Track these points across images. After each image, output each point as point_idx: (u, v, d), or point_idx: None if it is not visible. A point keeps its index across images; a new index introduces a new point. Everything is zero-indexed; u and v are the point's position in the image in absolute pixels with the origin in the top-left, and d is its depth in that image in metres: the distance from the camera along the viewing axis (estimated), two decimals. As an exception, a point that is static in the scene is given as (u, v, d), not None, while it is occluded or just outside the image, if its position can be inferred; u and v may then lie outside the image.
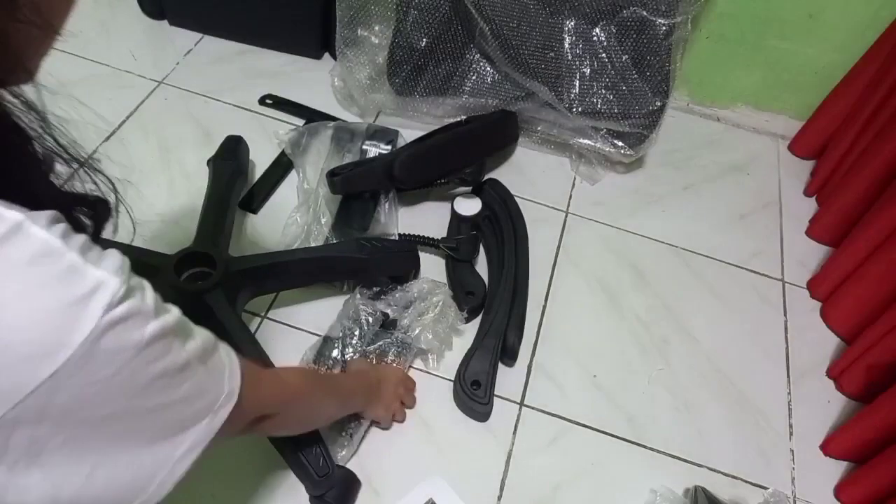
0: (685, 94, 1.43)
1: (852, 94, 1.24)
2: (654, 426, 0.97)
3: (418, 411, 0.93)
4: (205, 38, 1.39)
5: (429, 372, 0.97)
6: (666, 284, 1.14)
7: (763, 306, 1.14)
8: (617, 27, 1.15)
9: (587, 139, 1.24)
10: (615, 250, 1.18)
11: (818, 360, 1.08)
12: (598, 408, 0.97)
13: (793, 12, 1.23)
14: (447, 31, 1.17)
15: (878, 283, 1.02)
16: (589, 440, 0.94)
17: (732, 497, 0.91)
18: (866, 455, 0.91)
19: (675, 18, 1.11)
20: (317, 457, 0.79)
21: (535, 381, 0.99)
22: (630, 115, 1.18)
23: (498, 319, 0.97)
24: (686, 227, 1.23)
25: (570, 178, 1.28)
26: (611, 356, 1.03)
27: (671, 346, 1.06)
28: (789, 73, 1.33)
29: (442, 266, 1.09)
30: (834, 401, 1.04)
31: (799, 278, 1.19)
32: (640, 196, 1.27)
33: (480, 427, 0.93)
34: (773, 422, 1.00)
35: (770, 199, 1.32)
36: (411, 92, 1.22)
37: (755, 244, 1.23)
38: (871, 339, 0.98)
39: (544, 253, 1.14)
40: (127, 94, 1.26)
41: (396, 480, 0.86)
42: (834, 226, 1.21)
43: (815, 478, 0.95)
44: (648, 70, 1.16)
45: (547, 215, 1.21)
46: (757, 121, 1.43)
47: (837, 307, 1.11)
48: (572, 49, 1.16)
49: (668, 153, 1.35)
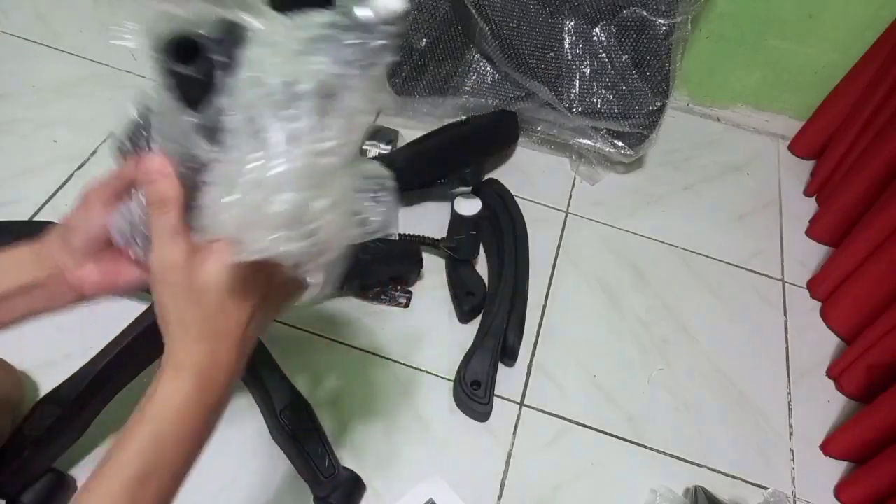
0: (685, 94, 1.43)
1: (852, 94, 1.24)
2: (654, 426, 0.97)
3: (418, 411, 0.93)
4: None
5: (429, 372, 0.97)
6: (666, 284, 1.14)
7: (763, 306, 1.14)
8: (617, 27, 1.15)
9: (587, 139, 1.24)
10: (615, 250, 1.18)
11: (818, 360, 1.08)
12: (598, 408, 0.97)
13: (793, 12, 1.23)
14: (447, 31, 1.17)
15: (878, 283, 1.02)
16: (589, 440, 0.94)
17: (732, 497, 0.91)
18: (866, 455, 0.91)
19: (675, 18, 1.11)
20: (322, 457, 0.79)
21: (535, 381, 0.99)
22: (630, 115, 1.18)
23: (498, 319, 0.97)
24: (686, 227, 1.23)
25: (570, 178, 1.28)
26: (611, 356, 1.03)
27: (671, 346, 1.06)
28: (789, 73, 1.33)
29: (442, 266, 1.09)
30: (834, 401, 1.04)
31: (799, 278, 1.19)
32: (640, 196, 1.27)
33: (480, 427, 0.93)
34: (773, 422, 1.00)
35: (770, 199, 1.32)
36: (411, 92, 1.22)
37: (755, 244, 1.23)
38: (871, 339, 0.98)
39: (544, 253, 1.14)
40: (127, 95, 1.26)
41: (396, 480, 0.86)
42: (834, 226, 1.21)
43: (815, 478, 0.95)
44: (648, 70, 1.16)
45: (547, 215, 1.21)
46: (757, 121, 1.43)
47: (837, 307, 1.11)
48: (572, 49, 1.16)
49: (668, 153, 1.35)
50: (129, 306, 0.90)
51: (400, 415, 0.92)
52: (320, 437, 0.81)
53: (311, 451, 0.79)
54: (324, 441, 0.81)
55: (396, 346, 0.98)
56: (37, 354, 0.87)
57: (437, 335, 1.01)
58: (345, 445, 0.87)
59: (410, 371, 0.97)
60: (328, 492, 0.79)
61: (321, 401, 0.90)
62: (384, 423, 0.91)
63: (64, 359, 0.87)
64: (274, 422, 0.83)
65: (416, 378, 0.96)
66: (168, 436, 0.40)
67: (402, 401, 0.94)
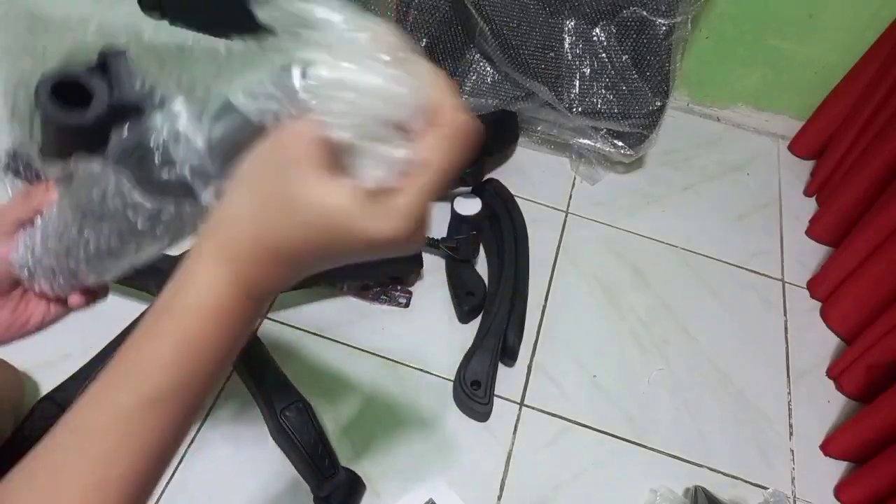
0: (685, 94, 1.43)
1: (852, 94, 1.24)
2: (654, 426, 0.97)
3: (418, 411, 0.93)
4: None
5: (429, 372, 0.97)
6: (666, 284, 1.14)
7: (763, 306, 1.14)
8: (617, 27, 1.15)
9: (587, 139, 1.24)
10: (615, 250, 1.18)
11: (818, 360, 1.08)
12: (598, 408, 0.97)
13: (793, 12, 1.23)
14: (447, 31, 1.17)
15: (877, 283, 1.02)
16: (589, 440, 0.94)
17: (732, 497, 0.91)
18: (866, 455, 0.91)
19: (675, 18, 1.11)
20: (322, 457, 0.79)
21: (535, 381, 0.99)
22: (630, 115, 1.18)
23: (498, 319, 0.97)
24: (686, 227, 1.23)
25: (570, 178, 1.28)
26: (611, 356, 1.03)
27: (671, 346, 1.06)
28: (789, 73, 1.33)
29: (442, 266, 1.09)
30: (834, 401, 1.04)
31: (799, 278, 1.19)
32: (640, 196, 1.27)
33: (480, 427, 0.93)
34: (773, 422, 1.00)
35: (770, 199, 1.32)
36: (411, 92, 1.22)
37: (755, 244, 1.23)
38: (871, 339, 0.98)
39: (544, 253, 1.14)
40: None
41: (396, 480, 0.86)
42: (834, 226, 1.21)
43: (815, 478, 0.95)
44: (648, 70, 1.16)
45: (547, 215, 1.21)
46: (757, 121, 1.43)
47: (837, 307, 1.11)
48: (572, 49, 1.16)
49: (668, 153, 1.35)
50: (129, 306, 0.90)
51: (400, 415, 0.92)
52: (320, 437, 0.81)
53: (311, 451, 0.79)
54: (324, 441, 0.81)
55: (396, 346, 0.98)
56: (37, 354, 0.88)
57: (437, 335, 1.01)
58: (345, 445, 0.87)
59: (410, 371, 0.97)
60: (328, 492, 0.79)
61: (321, 401, 0.90)
62: (384, 424, 0.91)
63: (64, 359, 0.87)
64: (274, 422, 0.83)
65: (416, 378, 0.96)
66: (198, 341, 0.31)
67: (402, 401, 0.94)
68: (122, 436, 0.30)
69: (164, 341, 0.31)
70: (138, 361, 0.31)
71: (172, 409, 0.31)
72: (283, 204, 0.29)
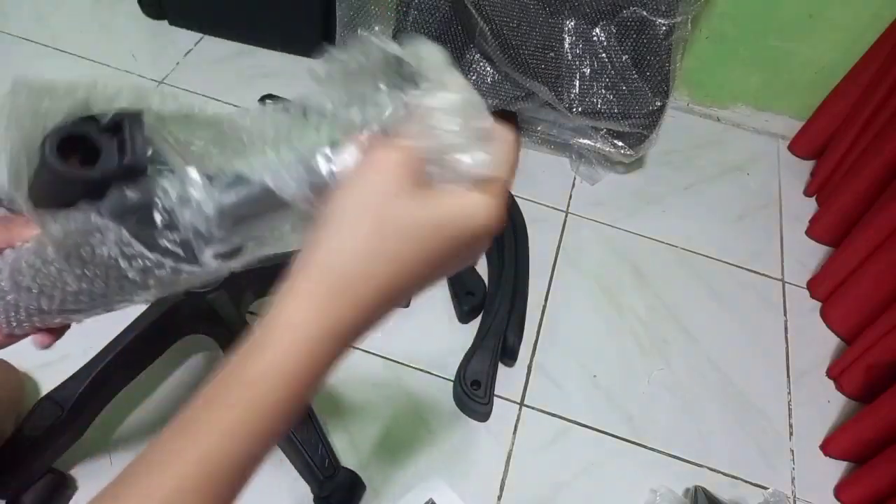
0: (685, 94, 1.43)
1: (852, 94, 1.24)
2: (654, 426, 0.97)
3: (418, 411, 0.93)
4: (205, 39, 1.39)
5: (429, 372, 0.97)
6: (666, 284, 1.14)
7: (763, 306, 1.14)
8: (617, 27, 1.15)
9: (587, 139, 1.24)
10: (615, 250, 1.18)
11: (818, 360, 1.08)
12: (598, 408, 0.97)
13: (793, 12, 1.23)
14: (447, 31, 1.17)
15: (877, 283, 1.02)
16: (589, 440, 0.94)
17: (732, 497, 0.91)
18: (866, 455, 0.91)
19: (675, 18, 1.11)
20: (322, 458, 0.79)
21: (535, 381, 0.99)
22: (630, 115, 1.18)
23: (498, 319, 0.97)
24: (686, 227, 1.23)
25: (570, 178, 1.28)
26: (611, 356, 1.03)
27: (671, 346, 1.06)
28: (789, 73, 1.33)
29: (442, 266, 1.09)
30: (834, 401, 1.04)
31: (799, 278, 1.19)
32: (640, 196, 1.27)
33: (480, 427, 0.93)
34: (773, 422, 1.00)
35: (770, 199, 1.32)
36: (411, 92, 1.22)
37: (755, 244, 1.23)
38: (870, 339, 0.98)
39: (544, 253, 1.14)
40: (127, 95, 1.26)
41: (396, 480, 0.86)
42: (834, 226, 1.21)
43: (815, 478, 0.95)
44: (648, 70, 1.16)
45: (547, 215, 1.21)
46: (757, 121, 1.43)
47: (837, 307, 1.11)
48: (572, 49, 1.16)
49: (668, 153, 1.35)
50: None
51: (400, 415, 0.92)
52: (320, 438, 0.81)
53: (310, 451, 0.79)
54: (324, 441, 0.80)
55: (396, 346, 0.98)
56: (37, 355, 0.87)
57: (437, 335, 1.01)
58: (345, 445, 0.87)
59: (410, 371, 0.97)
60: (328, 492, 0.79)
61: (321, 401, 0.90)
62: (384, 423, 0.91)
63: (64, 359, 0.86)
64: (274, 422, 0.83)
65: (415, 378, 0.96)
66: (271, 405, 0.29)
67: (401, 401, 0.94)
68: None
69: (230, 411, 0.29)
70: (201, 426, 0.30)
71: (238, 480, 0.31)
72: (398, 230, 0.30)
